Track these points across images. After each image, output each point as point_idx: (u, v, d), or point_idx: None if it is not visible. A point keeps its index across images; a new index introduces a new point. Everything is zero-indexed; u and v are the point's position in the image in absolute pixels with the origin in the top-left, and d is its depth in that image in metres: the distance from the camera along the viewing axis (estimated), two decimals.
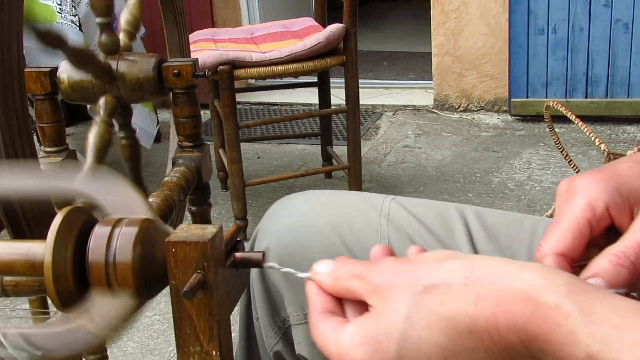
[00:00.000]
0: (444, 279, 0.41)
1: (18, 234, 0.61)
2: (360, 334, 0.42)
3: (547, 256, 0.46)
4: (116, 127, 0.92)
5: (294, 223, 0.69)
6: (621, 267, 0.44)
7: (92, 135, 0.82)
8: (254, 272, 0.71)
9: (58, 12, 2.11)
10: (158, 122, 2.66)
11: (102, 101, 0.86)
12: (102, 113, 0.85)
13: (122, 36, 0.94)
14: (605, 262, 0.45)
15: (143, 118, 2.43)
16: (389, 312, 0.41)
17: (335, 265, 0.46)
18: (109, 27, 0.90)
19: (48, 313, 0.65)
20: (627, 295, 0.42)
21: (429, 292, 0.40)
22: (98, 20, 0.90)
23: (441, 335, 0.39)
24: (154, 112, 2.59)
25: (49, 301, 0.61)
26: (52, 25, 2.04)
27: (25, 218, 0.60)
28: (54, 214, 0.48)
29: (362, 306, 0.45)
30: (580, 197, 0.47)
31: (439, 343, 0.39)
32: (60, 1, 2.13)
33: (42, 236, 0.50)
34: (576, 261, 0.47)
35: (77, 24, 2.15)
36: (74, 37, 2.12)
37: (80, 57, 0.79)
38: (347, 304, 0.46)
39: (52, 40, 0.72)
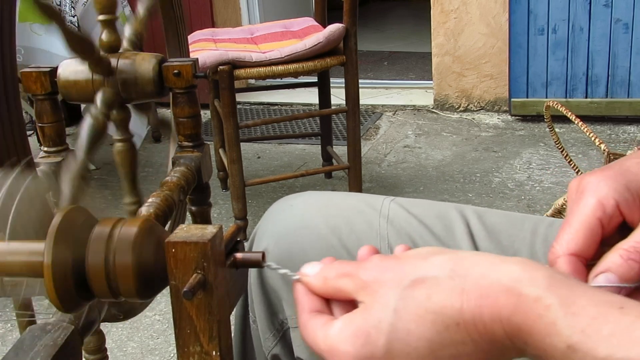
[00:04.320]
0: (431, 273, 0.42)
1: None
2: (349, 327, 0.43)
3: (561, 257, 0.47)
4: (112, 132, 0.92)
5: (292, 225, 0.69)
6: (632, 261, 0.44)
7: (85, 126, 0.81)
8: (252, 274, 0.71)
9: None
10: (148, 124, 2.65)
11: (99, 94, 0.85)
12: (98, 104, 0.84)
13: (125, 43, 0.94)
14: (617, 257, 0.45)
15: (132, 120, 2.43)
16: (377, 306, 0.42)
17: (323, 266, 0.47)
18: (111, 24, 0.90)
19: (33, 316, 0.65)
20: None
21: (416, 286, 0.41)
22: (100, 17, 0.90)
23: (429, 328, 0.40)
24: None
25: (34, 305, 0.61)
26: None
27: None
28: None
29: (351, 306, 0.45)
30: (590, 195, 0.47)
31: (426, 336, 0.40)
32: (60, 1, 2.13)
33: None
34: (590, 260, 0.47)
35: (76, 25, 2.15)
36: None
37: (76, 41, 0.78)
38: (335, 304, 0.47)
39: (52, 14, 0.71)
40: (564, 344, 0.36)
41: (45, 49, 2.09)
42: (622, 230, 0.47)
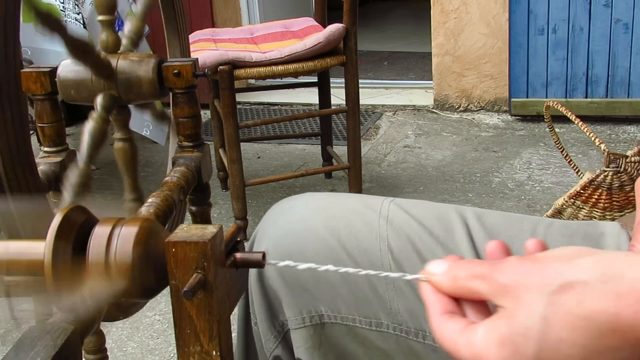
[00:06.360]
0: (580, 277, 0.39)
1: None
2: (494, 335, 0.41)
3: None
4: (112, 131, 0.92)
5: (292, 227, 0.69)
6: None
7: (88, 129, 0.82)
8: (252, 277, 0.71)
9: (61, 10, 2.11)
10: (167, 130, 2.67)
11: (99, 98, 0.85)
12: (98, 108, 0.84)
13: (125, 41, 0.94)
14: None
15: (153, 129, 2.44)
16: (523, 312, 0.40)
17: (452, 265, 0.45)
18: (111, 25, 0.90)
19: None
20: None
21: (565, 291, 0.39)
22: (100, 17, 0.90)
23: (582, 335, 0.39)
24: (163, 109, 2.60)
25: None
26: (52, 7, 2.05)
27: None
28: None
29: (482, 305, 0.44)
30: None
31: (580, 343, 0.39)
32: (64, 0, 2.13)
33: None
34: None
35: (81, 22, 2.15)
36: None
37: (77, 47, 0.78)
38: (465, 304, 0.45)
39: (51, 22, 0.71)
40: None
41: (53, 49, 2.08)
42: None
